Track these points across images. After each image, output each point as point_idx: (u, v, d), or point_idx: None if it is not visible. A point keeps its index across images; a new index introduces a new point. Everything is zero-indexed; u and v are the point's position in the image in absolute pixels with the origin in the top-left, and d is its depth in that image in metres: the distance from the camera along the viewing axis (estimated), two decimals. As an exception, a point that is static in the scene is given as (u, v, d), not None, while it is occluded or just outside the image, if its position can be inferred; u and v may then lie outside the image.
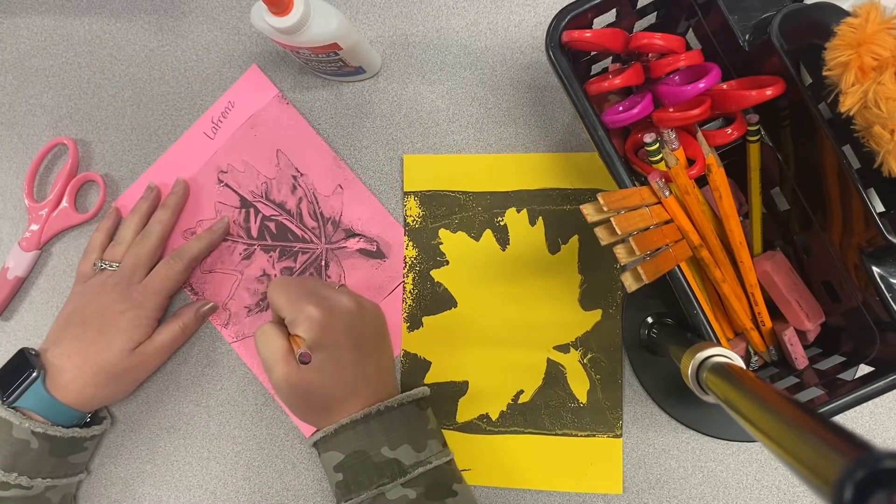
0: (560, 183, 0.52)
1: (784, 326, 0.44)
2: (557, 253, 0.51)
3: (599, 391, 0.50)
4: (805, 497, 0.49)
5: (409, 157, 0.53)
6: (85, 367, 0.47)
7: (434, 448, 0.44)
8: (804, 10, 0.36)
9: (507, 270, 0.52)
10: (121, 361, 0.48)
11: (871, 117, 0.31)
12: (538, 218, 0.52)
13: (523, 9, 0.53)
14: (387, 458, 0.42)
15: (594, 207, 0.35)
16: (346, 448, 0.43)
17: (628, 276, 0.35)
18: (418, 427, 0.45)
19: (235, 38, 0.56)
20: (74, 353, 0.47)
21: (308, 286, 0.45)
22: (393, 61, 0.54)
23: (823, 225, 0.41)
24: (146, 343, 0.49)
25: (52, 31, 0.57)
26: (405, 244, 0.53)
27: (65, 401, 0.46)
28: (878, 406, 0.49)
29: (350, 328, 0.44)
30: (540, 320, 0.51)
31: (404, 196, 0.53)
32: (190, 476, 0.54)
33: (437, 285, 0.52)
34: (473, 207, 0.52)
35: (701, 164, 0.41)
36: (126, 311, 0.48)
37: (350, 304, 0.45)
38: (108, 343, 0.48)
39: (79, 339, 0.48)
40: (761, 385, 0.28)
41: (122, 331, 0.48)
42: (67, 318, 0.49)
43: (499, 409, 0.51)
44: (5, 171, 0.57)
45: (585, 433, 0.50)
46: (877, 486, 0.18)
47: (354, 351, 0.44)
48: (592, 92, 0.41)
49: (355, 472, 0.43)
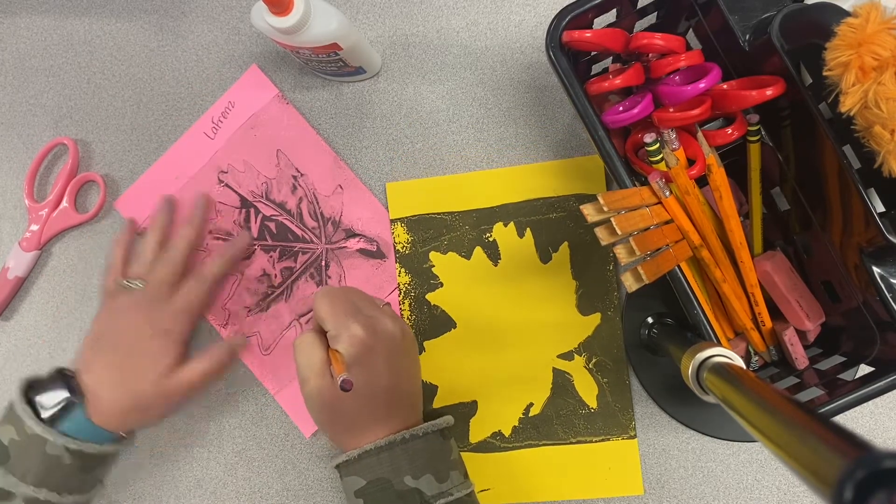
0: (543, 192, 0.52)
1: (784, 326, 0.44)
2: (549, 262, 0.51)
3: (608, 394, 0.50)
4: (805, 497, 0.49)
5: (391, 184, 0.53)
6: (118, 394, 0.47)
7: (456, 479, 0.44)
8: (804, 10, 0.36)
9: (502, 285, 0.52)
10: (153, 390, 0.47)
11: (871, 117, 0.31)
12: (526, 229, 0.52)
13: (523, 9, 0.53)
14: (409, 488, 0.42)
15: (594, 207, 0.35)
16: (369, 475, 0.42)
17: (629, 276, 0.35)
18: (441, 457, 0.44)
19: (235, 38, 0.56)
20: (108, 379, 0.47)
21: (355, 301, 0.45)
22: (393, 61, 0.54)
23: (823, 225, 0.41)
24: (178, 374, 0.48)
25: (52, 31, 0.57)
26: (398, 271, 0.53)
27: (101, 425, 0.46)
28: (878, 406, 0.49)
29: (391, 354, 0.44)
30: (540, 331, 0.51)
31: (391, 224, 0.53)
32: (190, 476, 0.54)
33: (434, 308, 0.52)
34: (461, 227, 0.52)
35: (701, 164, 0.41)
36: (154, 336, 0.48)
37: (394, 328, 0.45)
38: (139, 371, 0.47)
39: (111, 364, 0.47)
40: (761, 385, 0.28)
41: (151, 359, 0.48)
42: (97, 341, 0.49)
43: (511, 424, 0.51)
44: (5, 171, 0.57)
45: (600, 438, 0.50)
46: (877, 486, 0.18)
47: (391, 376, 0.44)
48: (593, 92, 0.41)
49: (376, 499, 0.42)
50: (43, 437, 0.44)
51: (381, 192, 0.54)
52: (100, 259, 0.55)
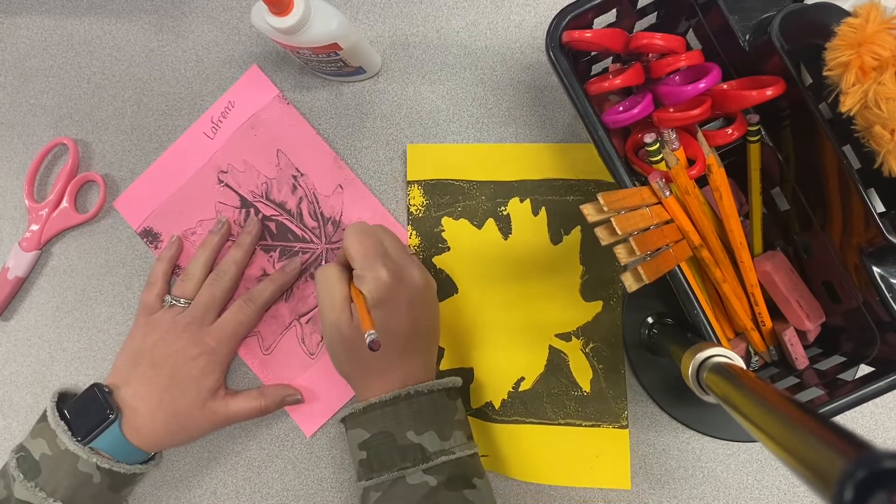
0: (564, 174, 0.52)
1: (784, 326, 0.44)
2: (559, 244, 0.51)
3: (603, 380, 0.50)
4: (805, 497, 0.49)
5: (412, 146, 0.53)
6: (158, 413, 0.47)
7: (459, 439, 0.44)
8: (804, 10, 0.36)
9: (509, 259, 0.52)
10: (192, 411, 0.47)
11: (871, 117, 0.31)
12: (541, 208, 0.52)
13: (523, 9, 0.53)
14: (411, 443, 0.42)
15: (594, 207, 0.35)
16: (373, 427, 0.43)
17: (628, 276, 0.35)
18: (446, 416, 0.45)
19: (235, 38, 0.56)
20: (148, 397, 0.47)
21: (384, 243, 0.45)
22: (393, 61, 0.54)
23: (823, 225, 0.41)
24: (221, 404, 0.49)
25: (52, 31, 0.57)
26: (409, 233, 0.53)
27: (137, 444, 0.46)
28: (878, 406, 0.49)
29: (412, 302, 0.44)
30: (541, 308, 0.51)
31: (407, 185, 0.53)
32: (190, 476, 0.54)
33: (439, 272, 0.52)
34: (477, 196, 0.52)
35: (701, 164, 0.41)
36: (199, 356, 0.48)
37: (419, 277, 0.45)
38: (181, 391, 0.47)
39: (151, 382, 0.47)
40: (761, 385, 0.28)
41: (194, 379, 0.47)
42: (136, 356, 0.48)
43: (500, 397, 0.51)
44: (5, 171, 0.57)
45: (590, 423, 0.50)
46: (877, 486, 0.18)
47: (409, 323, 0.44)
48: (593, 92, 0.41)
49: (379, 452, 0.43)
50: (76, 454, 0.44)
51: (382, 191, 0.54)
52: (100, 259, 0.55)
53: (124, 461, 0.46)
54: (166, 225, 0.55)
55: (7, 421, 0.55)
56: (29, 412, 0.55)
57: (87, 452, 0.44)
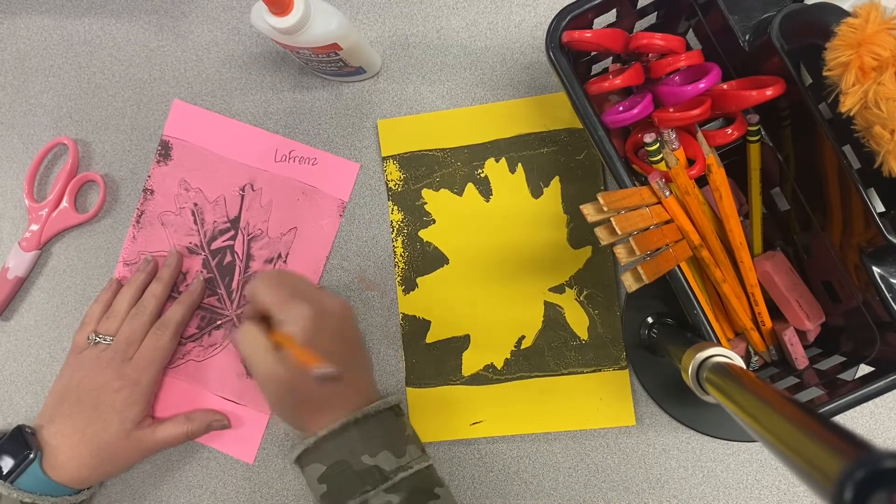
0: (534, 127, 0.52)
1: (784, 326, 0.44)
2: (541, 196, 0.52)
3: (599, 326, 0.51)
4: (805, 497, 0.49)
5: (383, 121, 0.53)
6: (81, 448, 0.47)
7: (413, 453, 0.45)
8: (804, 11, 0.36)
9: (494, 220, 0.52)
10: (117, 442, 0.48)
11: (871, 117, 0.31)
12: (517, 165, 0.52)
13: (523, 9, 0.53)
14: (367, 466, 0.42)
15: (594, 207, 0.35)
16: (328, 459, 0.43)
17: (628, 275, 0.35)
18: (396, 433, 0.45)
19: (235, 38, 0.56)
20: (71, 433, 0.48)
21: (292, 284, 0.45)
22: (393, 61, 0.54)
23: (823, 225, 0.41)
24: (148, 432, 0.49)
25: (52, 31, 0.57)
26: (390, 209, 0.53)
27: (60, 480, 0.47)
28: (878, 406, 0.49)
29: (339, 327, 0.45)
30: (533, 265, 0.52)
31: (383, 161, 0.53)
32: (190, 476, 0.54)
33: (427, 245, 0.53)
34: (452, 163, 0.53)
35: (701, 164, 0.41)
36: (121, 388, 0.48)
37: (337, 304, 0.46)
38: (104, 424, 0.48)
39: (74, 418, 0.48)
40: (761, 385, 0.28)
41: (118, 411, 0.48)
42: (62, 394, 0.49)
43: (503, 357, 0.52)
44: (5, 171, 0.57)
45: (591, 369, 0.51)
46: (877, 486, 0.18)
47: (343, 348, 0.45)
48: (593, 92, 0.41)
49: (338, 482, 0.43)
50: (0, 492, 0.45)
51: (382, 191, 0.54)
52: (100, 259, 0.55)
53: (49, 495, 0.47)
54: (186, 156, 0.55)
55: (7, 421, 0.55)
56: (29, 412, 0.55)
57: (9, 489, 0.45)
